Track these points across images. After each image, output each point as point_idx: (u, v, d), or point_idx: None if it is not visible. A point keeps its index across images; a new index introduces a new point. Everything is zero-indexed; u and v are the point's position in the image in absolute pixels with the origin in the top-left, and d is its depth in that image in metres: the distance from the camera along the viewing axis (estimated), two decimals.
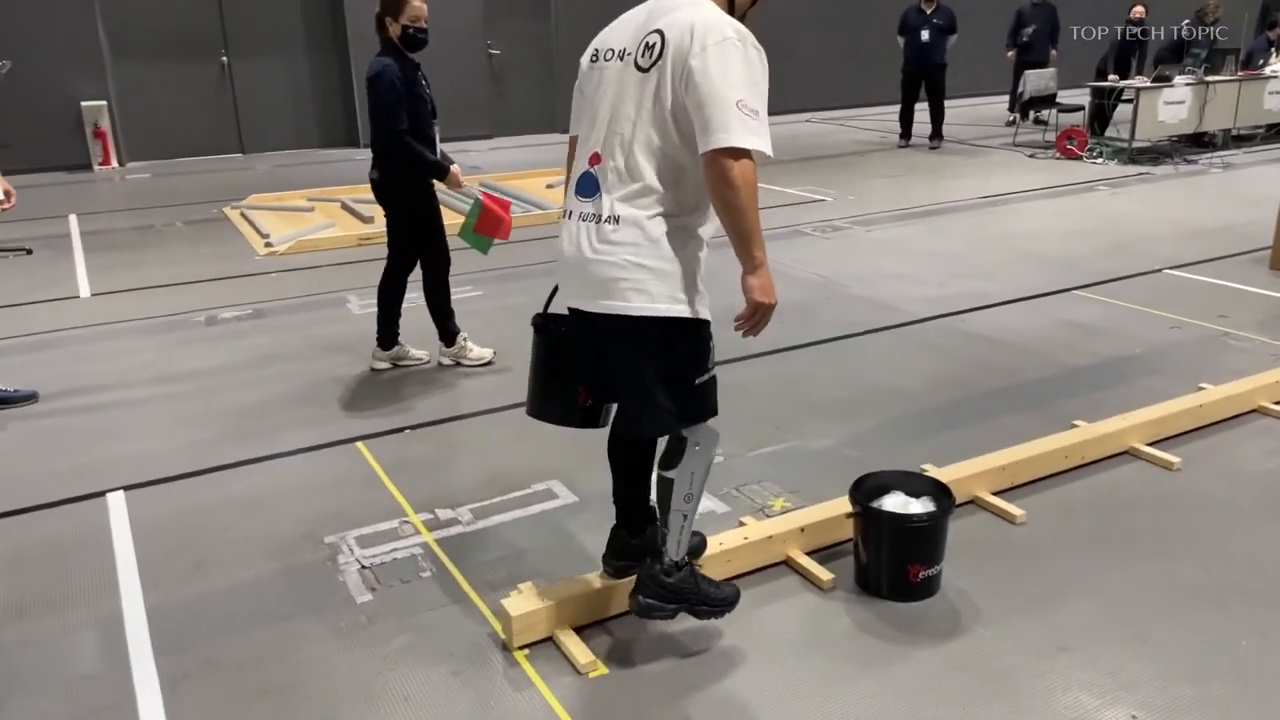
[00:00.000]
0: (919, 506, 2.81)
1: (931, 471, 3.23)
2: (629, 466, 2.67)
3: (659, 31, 2.23)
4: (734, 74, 2.14)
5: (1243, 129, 11.16)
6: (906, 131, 11.67)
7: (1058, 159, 10.41)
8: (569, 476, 3.52)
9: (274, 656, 2.58)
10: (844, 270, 6.22)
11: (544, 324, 2.56)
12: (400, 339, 4.72)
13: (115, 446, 3.90)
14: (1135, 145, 10.20)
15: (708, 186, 2.21)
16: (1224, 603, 2.72)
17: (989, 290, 5.72)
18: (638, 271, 2.25)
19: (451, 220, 4.69)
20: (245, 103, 12.25)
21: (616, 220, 2.27)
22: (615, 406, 2.60)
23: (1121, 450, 3.60)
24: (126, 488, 3.54)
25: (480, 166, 10.58)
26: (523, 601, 2.61)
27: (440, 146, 4.47)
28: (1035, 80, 11.57)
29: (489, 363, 4.71)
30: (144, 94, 11.63)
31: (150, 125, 11.74)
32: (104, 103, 11.23)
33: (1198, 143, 10.92)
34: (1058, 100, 11.66)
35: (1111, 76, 11.00)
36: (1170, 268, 6.14)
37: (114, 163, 11.42)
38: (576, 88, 2.48)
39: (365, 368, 4.68)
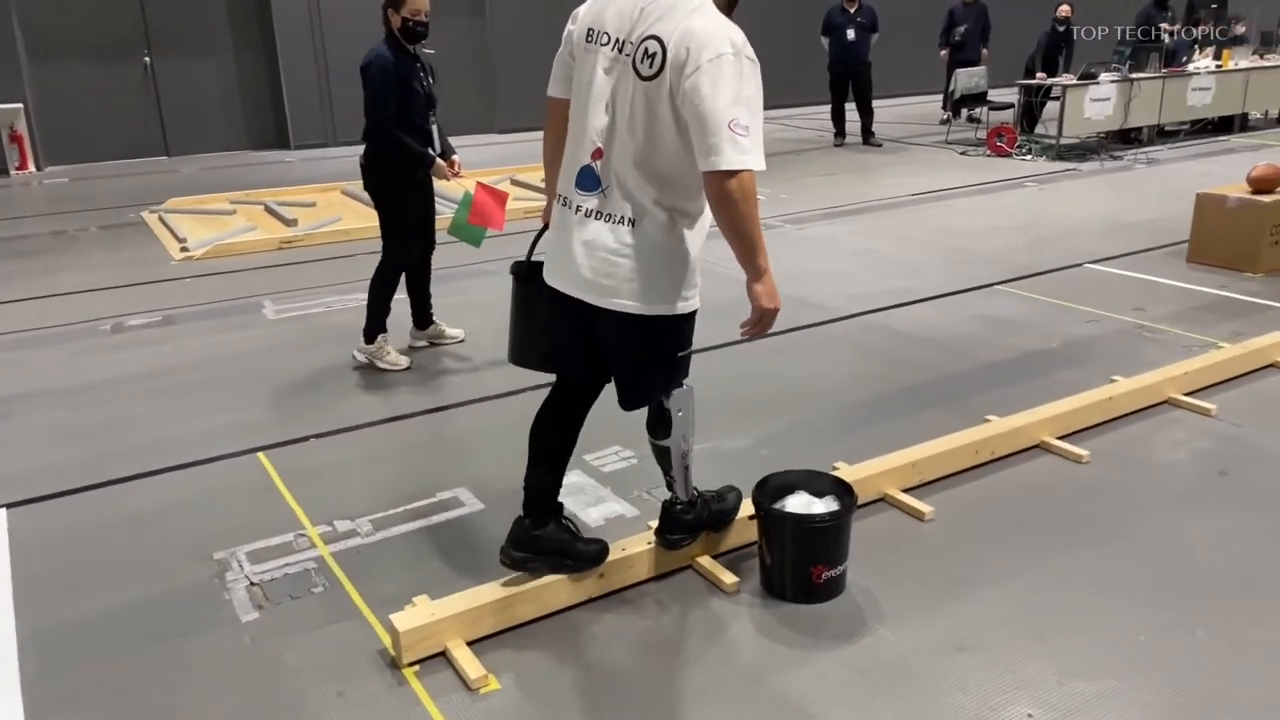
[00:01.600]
0: (822, 506, 2.77)
1: (842, 469, 3.20)
2: (548, 456, 2.69)
3: (658, 39, 2.23)
4: (725, 93, 2.17)
5: (1167, 125, 11.40)
6: (840, 130, 11.74)
7: (988, 156, 10.53)
8: (478, 483, 3.42)
9: (150, 683, 2.46)
10: (772, 268, 6.18)
11: (526, 274, 2.69)
12: (435, 319, 4.87)
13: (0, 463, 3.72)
14: (1063, 142, 10.36)
15: (709, 204, 2.30)
16: (1125, 596, 2.72)
17: (914, 287, 5.74)
18: (652, 273, 2.37)
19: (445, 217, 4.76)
20: (170, 104, 11.92)
21: (632, 223, 2.36)
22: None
23: (1032, 444, 3.60)
24: (9, 505, 3.37)
25: None
26: (413, 615, 2.51)
27: (445, 139, 4.54)
28: (966, 79, 11.70)
29: (406, 368, 4.60)
30: (63, 96, 11.27)
31: (70, 128, 11.38)
32: (20, 105, 10.87)
33: (1124, 139, 11.12)
34: (989, 98, 11.81)
35: (1039, 74, 11.16)
36: (1091, 262, 6.21)
37: (31, 167, 11.06)
38: (566, 52, 2.50)
39: (274, 374, 4.54)
